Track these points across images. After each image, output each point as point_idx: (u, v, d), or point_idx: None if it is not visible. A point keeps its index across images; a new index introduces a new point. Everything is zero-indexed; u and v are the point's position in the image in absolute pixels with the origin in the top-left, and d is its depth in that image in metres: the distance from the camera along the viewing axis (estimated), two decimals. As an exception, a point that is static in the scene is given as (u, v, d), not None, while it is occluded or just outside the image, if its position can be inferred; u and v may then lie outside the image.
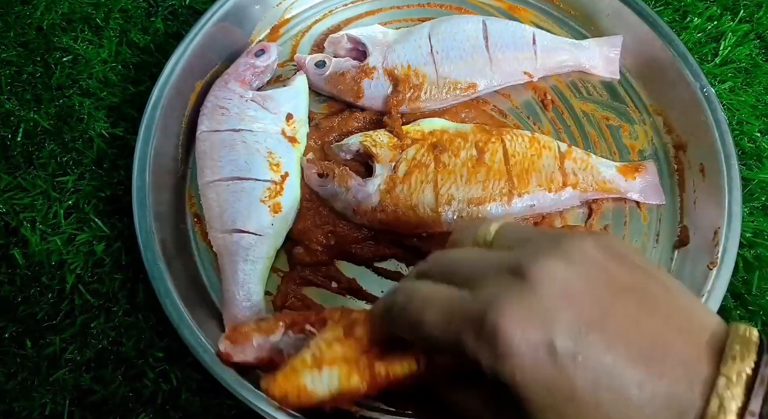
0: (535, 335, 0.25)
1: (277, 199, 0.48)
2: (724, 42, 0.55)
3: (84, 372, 0.44)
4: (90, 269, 0.47)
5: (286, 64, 0.54)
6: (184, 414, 0.43)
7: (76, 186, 0.49)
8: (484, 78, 0.52)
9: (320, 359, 0.37)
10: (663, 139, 0.52)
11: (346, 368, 0.36)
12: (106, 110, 0.52)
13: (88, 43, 0.54)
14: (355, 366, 0.36)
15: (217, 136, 0.49)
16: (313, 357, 0.37)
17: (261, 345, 0.40)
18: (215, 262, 0.48)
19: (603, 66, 0.54)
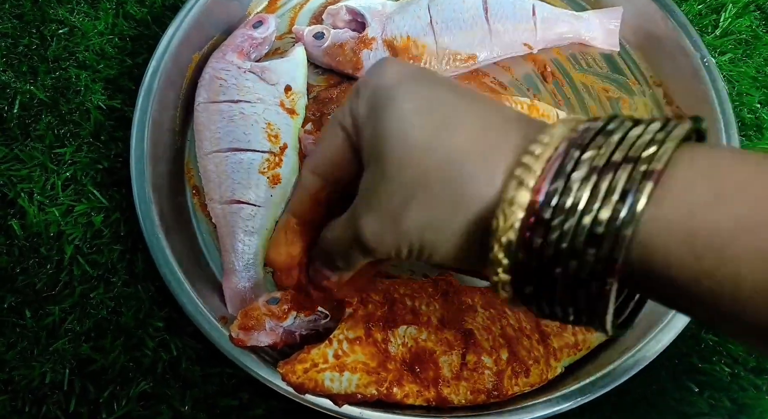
0: (407, 64, 0.28)
1: (276, 170, 0.48)
2: (724, 13, 0.55)
3: (84, 341, 0.44)
4: (88, 240, 0.46)
5: (284, 36, 0.54)
6: (184, 383, 0.43)
7: (73, 158, 0.49)
8: (483, 49, 0.52)
9: (342, 362, 0.38)
10: (663, 110, 0.52)
11: (366, 379, 0.38)
12: (102, 82, 0.52)
13: (84, 15, 0.53)
14: (375, 379, 0.38)
15: (215, 108, 0.49)
16: (335, 356, 0.38)
17: (273, 328, 0.40)
18: (214, 234, 0.47)
19: (603, 38, 0.54)
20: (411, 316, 0.40)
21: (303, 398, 0.40)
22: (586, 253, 0.22)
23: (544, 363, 0.41)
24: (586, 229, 0.22)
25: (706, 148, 0.23)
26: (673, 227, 0.22)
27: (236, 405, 0.43)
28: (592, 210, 0.22)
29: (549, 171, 0.23)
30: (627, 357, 0.41)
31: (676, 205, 0.22)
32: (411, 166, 0.25)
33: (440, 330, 0.40)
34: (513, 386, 0.40)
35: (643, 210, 0.21)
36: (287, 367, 0.38)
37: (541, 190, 0.23)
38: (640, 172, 0.22)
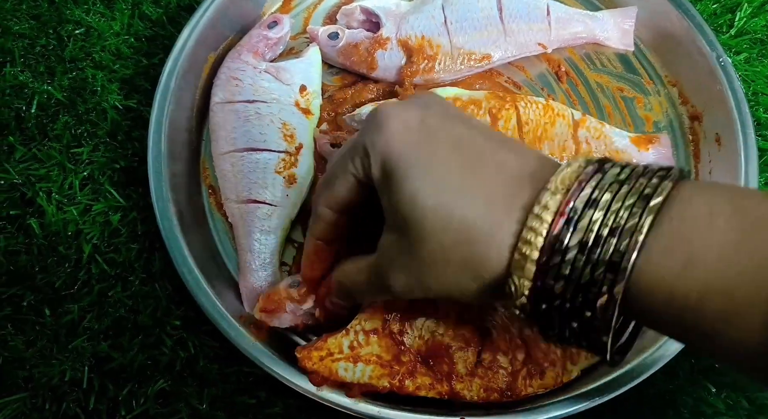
0: (409, 112, 0.31)
1: (291, 170, 0.48)
2: (739, 13, 0.55)
3: (102, 340, 0.44)
4: (106, 239, 0.47)
5: (298, 36, 0.54)
6: (201, 381, 0.43)
7: (90, 157, 0.49)
8: (498, 49, 0.52)
9: (357, 353, 0.39)
10: (678, 110, 0.52)
11: (379, 371, 0.39)
12: (119, 82, 0.52)
13: (100, 15, 0.54)
14: (388, 372, 0.39)
15: (231, 108, 0.49)
16: (351, 347, 0.38)
17: (294, 311, 0.41)
18: (230, 233, 0.48)
19: (617, 37, 0.54)
20: (431, 309, 0.40)
21: (320, 396, 0.40)
22: (584, 313, 0.26)
23: (561, 366, 0.41)
24: (583, 296, 0.26)
25: (683, 207, 0.25)
26: (655, 288, 0.25)
27: (254, 403, 0.43)
28: (586, 280, 0.25)
29: (548, 245, 0.26)
30: (645, 357, 0.41)
31: (657, 271, 0.25)
32: (431, 243, 0.28)
33: (458, 325, 0.40)
34: (527, 387, 0.40)
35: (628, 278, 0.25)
36: (304, 353, 0.40)
37: (543, 264, 0.26)
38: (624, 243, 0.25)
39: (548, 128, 0.49)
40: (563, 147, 0.49)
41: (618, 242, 0.25)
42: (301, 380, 0.40)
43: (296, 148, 0.48)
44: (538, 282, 0.26)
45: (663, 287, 0.24)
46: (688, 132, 0.51)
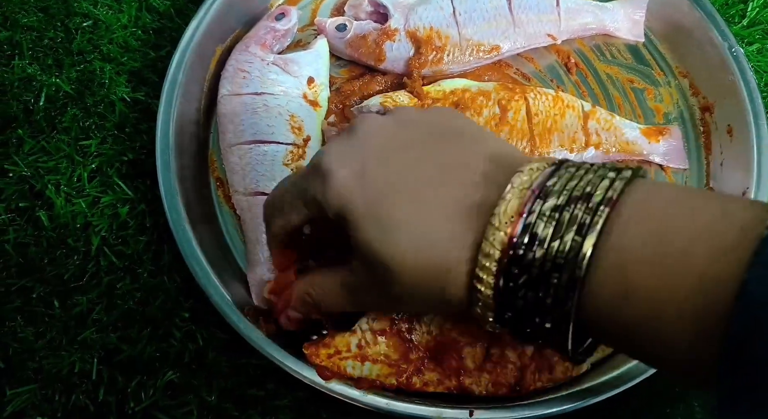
0: (351, 162, 0.31)
1: (299, 162, 0.48)
2: (752, 3, 0.54)
3: (111, 331, 0.44)
4: (115, 231, 0.47)
5: (306, 28, 0.54)
6: (210, 373, 0.43)
7: (99, 150, 0.49)
8: (507, 40, 0.52)
9: (365, 352, 0.39)
10: (689, 101, 0.52)
11: (387, 369, 0.39)
12: (127, 75, 0.52)
13: (107, 8, 0.54)
14: (396, 371, 0.38)
15: (239, 100, 0.49)
16: (358, 346, 0.38)
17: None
18: (239, 225, 0.48)
19: (627, 28, 0.54)
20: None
21: (329, 388, 0.40)
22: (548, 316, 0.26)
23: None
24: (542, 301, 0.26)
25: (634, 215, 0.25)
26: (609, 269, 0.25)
27: (262, 395, 0.43)
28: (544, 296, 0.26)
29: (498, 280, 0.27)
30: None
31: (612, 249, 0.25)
32: (395, 285, 0.29)
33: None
34: (536, 381, 0.40)
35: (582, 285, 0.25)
36: (312, 349, 0.40)
37: (499, 295, 0.27)
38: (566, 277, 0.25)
39: (558, 120, 0.49)
40: (573, 138, 0.48)
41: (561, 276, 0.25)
42: (309, 372, 0.40)
43: (304, 140, 0.48)
44: (498, 308, 0.28)
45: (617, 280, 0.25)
46: (699, 123, 0.51)
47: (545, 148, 0.48)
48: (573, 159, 0.48)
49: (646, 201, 0.26)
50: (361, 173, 0.30)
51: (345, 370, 0.40)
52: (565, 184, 0.26)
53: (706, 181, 0.49)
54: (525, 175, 0.27)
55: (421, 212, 0.29)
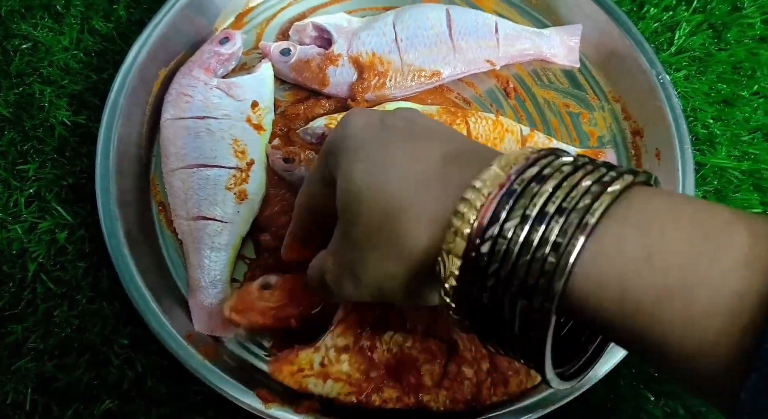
0: (374, 114, 0.31)
1: (242, 186, 0.48)
2: (678, 31, 0.57)
3: (47, 360, 0.43)
4: (52, 257, 0.46)
5: (251, 52, 0.54)
6: (149, 401, 0.43)
7: (37, 174, 0.48)
8: (447, 65, 0.53)
9: (327, 370, 0.39)
10: (621, 125, 0.54)
11: (348, 388, 0.39)
12: (67, 98, 0.51)
13: (48, 30, 0.53)
14: (357, 390, 0.39)
15: (182, 124, 0.49)
16: (321, 364, 0.39)
17: (263, 312, 0.41)
18: (181, 250, 0.48)
19: (563, 54, 0.56)
20: (399, 323, 0.41)
21: (268, 414, 0.40)
22: (519, 304, 0.23)
23: (525, 372, 0.42)
24: (519, 280, 0.23)
25: (644, 200, 0.23)
26: (604, 284, 0.22)
27: (202, 421, 0.43)
28: (524, 261, 0.22)
29: (483, 218, 0.23)
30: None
31: (608, 263, 0.22)
32: (359, 224, 0.27)
33: (425, 339, 0.41)
34: (491, 396, 0.41)
35: (573, 264, 0.22)
36: (276, 366, 0.40)
37: (475, 238, 0.23)
38: (572, 224, 0.22)
39: (497, 143, 0.50)
40: (511, 161, 0.50)
41: (565, 222, 0.22)
42: (249, 398, 0.40)
43: (247, 163, 0.49)
44: (468, 259, 0.24)
45: (614, 282, 0.22)
46: (631, 146, 0.53)
47: (485, 170, 0.49)
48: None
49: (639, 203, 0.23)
50: (378, 121, 0.30)
51: (307, 387, 0.40)
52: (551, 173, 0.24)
53: (637, 201, 0.51)
54: (509, 158, 0.25)
55: (419, 151, 0.28)
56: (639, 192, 0.23)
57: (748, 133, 0.54)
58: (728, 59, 0.57)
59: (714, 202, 0.24)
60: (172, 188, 0.48)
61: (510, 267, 0.23)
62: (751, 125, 0.55)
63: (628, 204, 0.23)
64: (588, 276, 0.22)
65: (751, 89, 0.56)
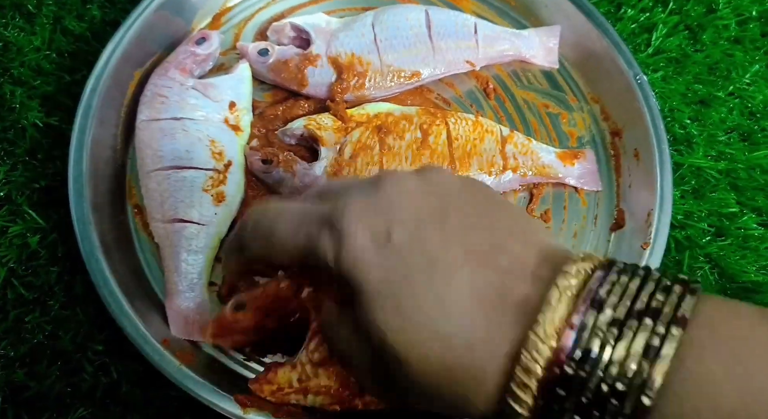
0: (374, 224, 0.26)
1: (220, 188, 0.47)
2: (656, 32, 0.58)
3: (18, 367, 0.42)
4: (24, 262, 0.45)
5: (228, 52, 0.54)
6: (125, 408, 0.42)
7: (8, 177, 0.47)
8: (427, 66, 0.53)
9: (306, 386, 0.39)
10: (600, 125, 0.54)
11: (329, 399, 0.39)
12: (39, 99, 0.50)
13: (19, 30, 0.52)
14: (338, 400, 0.39)
15: (157, 125, 0.48)
16: (299, 380, 0.38)
17: (245, 332, 0.40)
18: (157, 253, 0.47)
19: (542, 55, 0.56)
20: None
21: (246, 419, 0.39)
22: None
23: None
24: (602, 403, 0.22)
25: (717, 320, 0.23)
26: (684, 401, 0.22)
27: (179, 428, 0.42)
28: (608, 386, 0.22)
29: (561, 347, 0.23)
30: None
31: (695, 390, 0.22)
32: (407, 379, 0.25)
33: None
34: None
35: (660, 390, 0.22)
36: (256, 386, 0.39)
37: (554, 365, 0.23)
38: (652, 348, 0.22)
39: (477, 144, 0.50)
40: (491, 162, 0.50)
41: (647, 348, 0.22)
42: (226, 403, 0.40)
43: (225, 165, 0.48)
44: (548, 387, 0.23)
45: (703, 406, 0.22)
46: (610, 147, 0.53)
47: (465, 171, 0.49)
48: (491, 182, 0.50)
49: (718, 322, 0.23)
50: (384, 240, 0.26)
51: (289, 402, 0.39)
52: (621, 293, 0.23)
53: (617, 201, 0.52)
54: (572, 277, 0.24)
55: (452, 300, 0.25)
56: (706, 307, 0.23)
57: (724, 133, 0.55)
58: (704, 60, 0.57)
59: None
60: (148, 190, 0.47)
61: (594, 391, 0.22)
62: (727, 125, 0.55)
63: (702, 324, 0.23)
64: (676, 399, 0.22)
65: (727, 90, 0.56)
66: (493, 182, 0.49)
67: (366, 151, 0.48)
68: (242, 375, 0.43)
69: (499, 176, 0.50)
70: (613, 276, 0.24)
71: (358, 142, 0.48)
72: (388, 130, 0.49)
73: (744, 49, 0.58)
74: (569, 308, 0.23)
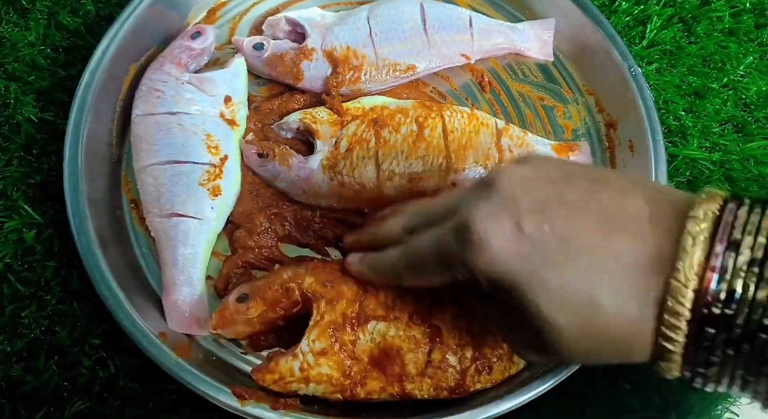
0: (503, 222, 0.28)
1: (216, 182, 0.47)
2: (650, 25, 0.58)
3: (15, 362, 0.42)
4: (20, 257, 0.45)
5: (223, 46, 0.54)
6: (122, 401, 0.42)
7: (3, 172, 0.47)
8: (422, 60, 0.53)
9: (308, 375, 0.39)
10: (595, 117, 0.54)
11: (331, 388, 0.40)
12: (34, 94, 0.50)
13: (13, 25, 0.52)
14: (339, 389, 0.40)
15: (153, 120, 0.48)
16: (301, 370, 0.38)
17: (247, 322, 0.41)
18: (154, 248, 0.47)
19: (537, 48, 0.56)
20: (382, 311, 0.41)
21: (244, 411, 0.39)
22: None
23: (507, 359, 0.42)
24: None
25: None
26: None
27: (177, 421, 0.42)
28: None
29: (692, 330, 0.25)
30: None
31: None
32: (569, 349, 0.28)
33: (409, 327, 0.40)
34: (475, 383, 0.41)
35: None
36: (258, 375, 0.40)
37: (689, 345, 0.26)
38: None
39: (473, 137, 0.50)
40: (487, 155, 0.50)
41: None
42: (224, 396, 0.40)
43: (221, 159, 0.48)
44: (688, 363, 0.26)
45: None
46: (605, 139, 0.53)
47: (461, 164, 0.49)
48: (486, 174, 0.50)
49: None
50: (516, 234, 0.28)
51: (292, 390, 0.40)
52: (755, 232, 0.25)
53: (612, 193, 0.52)
54: (701, 221, 0.26)
55: (592, 271, 0.27)
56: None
57: (718, 125, 0.55)
58: (698, 52, 0.58)
59: None
60: (144, 185, 0.47)
61: (743, 326, 0.24)
62: (721, 117, 0.56)
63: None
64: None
65: (721, 82, 0.57)
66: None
67: (362, 144, 0.48)
68: (239, 369, 0.43)
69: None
70: (743, 214, 0.25)
71: (354, 135, 0.48)
72: (384, 124, 0.49)
73: (738, 40, 0.59)
74: (705, 251, 0.25)
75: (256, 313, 0.41)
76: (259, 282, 0.42)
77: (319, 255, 0.48)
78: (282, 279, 0.41)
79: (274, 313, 0.41)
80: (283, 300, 0.41)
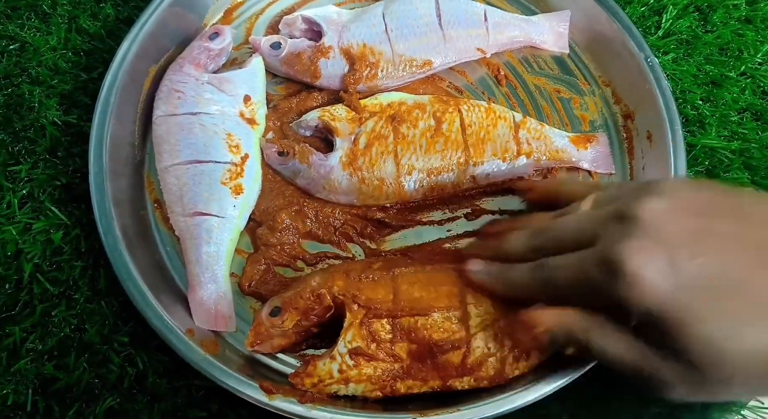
0: (656, 257, 0.29)
1: (238, 181, 0.48)
2: (665, 15, 0.58)
3: (46, 360, 0.43)
4: (48, 258, 0.46)
5: (241, 46, 0.54)
6: (152, 397, 0.43)
7: (29, 175, 0.48)
8: (438, 55, 0.53)
9: (347, 376, 0.40)
10: (612, 109, 0.54)
11: (370, 387, 0.40)
12: (57, 98, 0.51)
13: (35, 30, 0.53)
14: (379, 387, 0.40)
15: (174, 120, 0.49)
16: (340, 371, 0.39)
17: (283, 335, 0.42)
18: (178, 247, 0.47)
19: (553, 41, 0.56)
20: (414, 309, 0.41)
21: (272, 405, 0.40)
22: None
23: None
24: None
25: None
26: None
27: (205, 416, 0.43)
28: None
29: None
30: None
31: None
32: (741, 378, 0.29)
33: (445, 321, 0.40)
34: (514, 370, 0.41)
35: None
36: (297, 380, 0.41)
37: None
38: None
39: (491, 130, 0.50)
40: (505, 148, 0.50)
41: None
42: (252, 390, 0.40)
43: (242, 158, 0.49)
44: None
45: None
46: (622, 130, 0.53)
47: (479, 157, 0.49)
48: (505, 168, 0.50)
49: None
50: (671, 268, 0.29)
51: (330, 392, 0.40)
52: None
53: (631, 184, 0.52)
54: None
55: (757, 303, 0.28)
56: None
57: (736, 113, 0.55)
58: (715, 41, 0.57)
59: None
60: (167, 185, 0.48)
61: None
62: (740, 105, 0.55)
63: None
64: None
65: (738, 70, 0.56)
66: (507, 167, 0.50)
67: (380, 141, 0.48)
68: (266, 364, 0.44)
69: (513, 161, 0.50)
70: None
71: (373, 131, 0.49)
72: (402, 119, 0.49)
73: (755, 28, 0.58)
74: None
75: (291, 324, 0.42)
76: (288, 294, 0.42)
77: (340, 251, 0.48)
78: (312, 287, 0.42)
79: (308, 321, 0.42)
80: (315, 307, 0.42)
